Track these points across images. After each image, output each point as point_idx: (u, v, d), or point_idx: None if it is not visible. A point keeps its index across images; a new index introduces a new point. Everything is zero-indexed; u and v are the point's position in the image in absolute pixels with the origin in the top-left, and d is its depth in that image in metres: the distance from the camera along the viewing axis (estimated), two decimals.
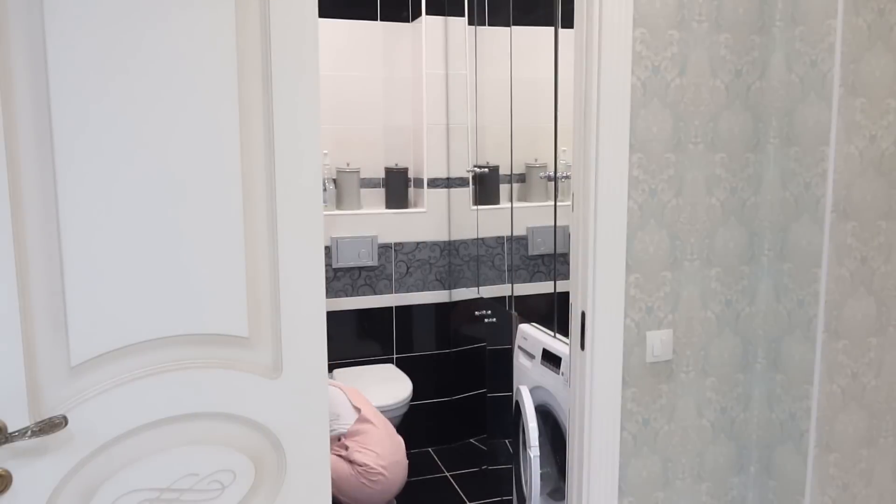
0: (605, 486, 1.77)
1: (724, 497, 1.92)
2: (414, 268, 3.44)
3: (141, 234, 1.23)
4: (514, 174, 2.94)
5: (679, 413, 1.83)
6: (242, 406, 1.33)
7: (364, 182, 3.43)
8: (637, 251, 1.73)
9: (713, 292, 1.81)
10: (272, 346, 1.35)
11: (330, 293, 3.30)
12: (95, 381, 1.23)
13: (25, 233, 1.16)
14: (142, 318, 1.25)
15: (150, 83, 1.21)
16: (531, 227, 2.81)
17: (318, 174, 1.33)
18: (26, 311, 1.17)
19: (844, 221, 1.67)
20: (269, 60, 1.27)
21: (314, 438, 1.40)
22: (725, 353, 1.85)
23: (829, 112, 1.63)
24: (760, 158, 1.81)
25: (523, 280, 2.84)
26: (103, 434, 1.24)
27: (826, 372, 1.71)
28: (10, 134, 1.13)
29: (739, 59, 1.75)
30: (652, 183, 1.72)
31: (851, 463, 1.78)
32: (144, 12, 1.19)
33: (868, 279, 1.71)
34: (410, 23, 3.42)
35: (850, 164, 1.65)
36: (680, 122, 1.72)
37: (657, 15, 1.66)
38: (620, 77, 1.64)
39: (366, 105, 3.42)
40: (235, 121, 1.27)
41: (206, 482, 1.32)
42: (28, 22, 1.13)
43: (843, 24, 1.59)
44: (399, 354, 3.48)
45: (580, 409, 1.76)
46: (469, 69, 3.27)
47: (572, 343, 1.80)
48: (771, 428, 1.86)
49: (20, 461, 1.17)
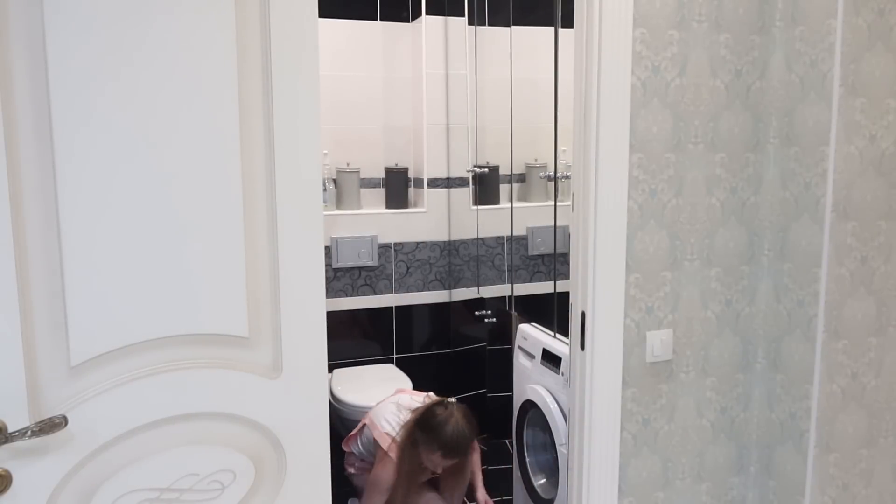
0: (605, 486, 1.77)
1: (724, 497, 1.92)
2: (414, 268, 3.44)
3: (141, 234, 1.23)
4: (514, 174, 2.94)
5: (679, 413, 1.83)
6: (242, 406, 1.33)
7: (364, 182, 3.43)
8: (637, 251, 1.73)
9: (713, 292, 1.81)
10: (272, 346, 1.35)
11: (330, 293, 3.30)
12: (95, 381, 1.23)
13: (25, 233, 1.16)
14: (142, 317, 1.25)
15: (150, 82, 1.21)
16: (531, 227, 2.81)
17: (318, 174, 1.33)
18: (26, 311, 1.17)
19: (844, 221, 1.67)
20: (269, 60, 1.27)
21: (314, 438, 1.40)
22: (725, 353, 1.85)
23: (829, 112, 1.63)
24: (760, 158, 1.81)
25: (523, 280, 2.84)
26: (103, 434, 1.24)
27: (826, 372, 1.71)
28: (10, 134, 1.13)
29: (739, 59, 1.75)
30: (652, 183, 1.72)
31: (851, 463, 1.78)
32: (145, 11, 1.19)
33: (868, 279, 1.71)
34: (410, 23, 3.42)
35: (850, 164, 1.65)
36: (680, 122, 1.72)
37: (657, 15, 1.66)
38: (620, 77, 1.64)
39: (366, 105, 3.41)
40: (235, 120, 1.27)
41: (206, 482, 1.32)
42: (28, 21, 1.13)
43: (843, 24, 1.59)
44: (399, 354, 3.48)
45: (580, 409, 1.76)
46: (469, 69, 3.27)
47: (572, 343, 1.80)
48: (771, 428, 1.86)
49: (20, 461, 1.17)
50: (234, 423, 1.33)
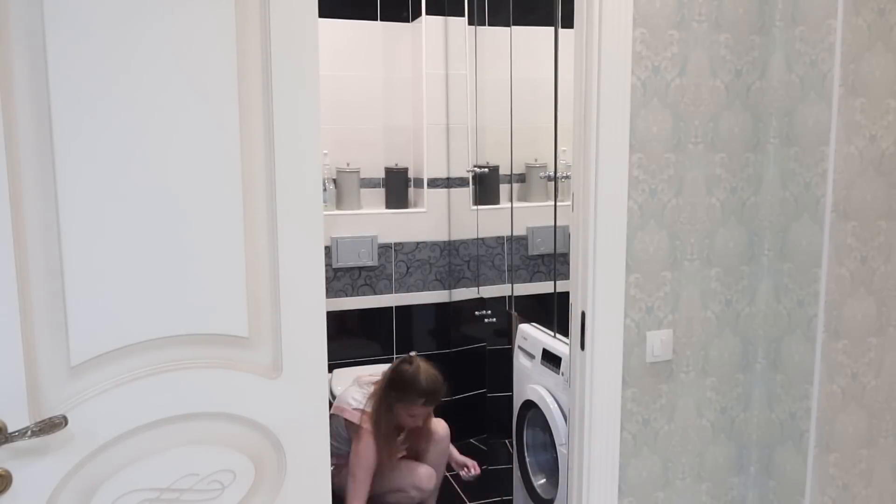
0: (605, 486, 1.77)
1: (724, 497, 1.92)
2: (414, 268, 3.44)
3: (141, 234, 1.23)
4: (514, 174, 2.94)
5: (679, 413, 1.83)
6: (242, 406, 1.33)
7: (364, 182, 3.43)
8: (637, 251, 1.73)
9: (713, 292, 1.81)
10: (272, 345, 1.35)
11: (330, 293, 3.30)
12: (95, 380, 1.23)
13: (25, 233, 1.16)
14: (142, 318, 1.25)
15: (151, 83, 1.21)
16: (531, 227, 2.82)
17: (318, 174, 1.33)
18: (26, 311, 1.17)
19: (844, 221, 1.67)
20: (269, 60, 1.27)
21: (314, 438, 1.40)
22: (725, 353, 1.85)
23: (829, 112, 1.63)
24: (760, 158, 1.81)
25: (523, 280, 2.84)
26: (103, 434, 1.24)
27: (826, 372, 1.71)
28: (10, 134, 1.13)
29: (739, 59, 1.75)
30: (652, 183, 1.72)
31: (851, 463, 1.78)
32: (145, 12, 1.19)
33: (868, 279, 1.71)
34: (410, 23, 3.42)
35: (850, 164, 1.65)
36: (680, 122, 1.72)
37: (657, 15, 1.66)
38: (620, 77, 1.64)
39: (366, 105, 3.41)
40: (235, 120, 1.27)
41: (206, 482, 1.32)
42: (28, 21, 1.13)
43: (843, 24, 1.59)
44: (399, 354, 3.48)
45: (580, 409, 1.76)
46: (469, 69, 3.27)
47: (572, 343, 1.80)
48: (771, 428, 1.86)
49: (20, 461, 1.17)
50: (234, 423, 1.33)
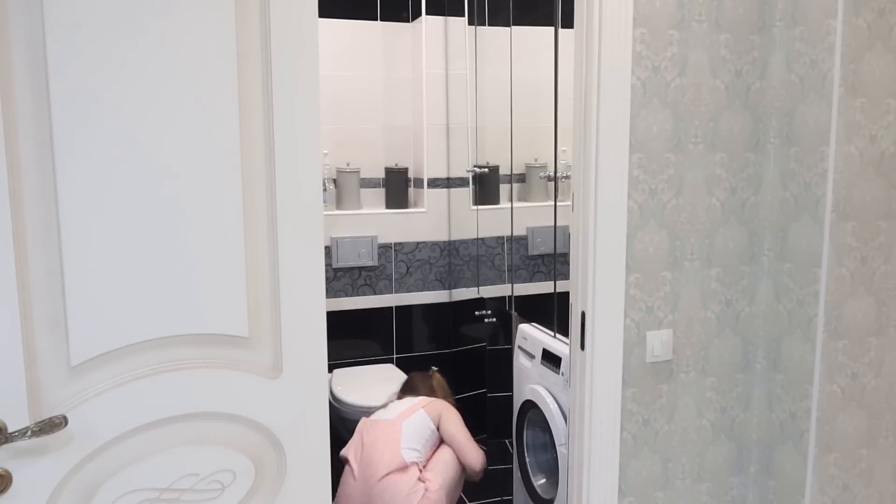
0: (605, 486, 1.77)
1: (724, 497, 1.92)
2: (414, 268, 3.44)
3: (141, 234, 1.23)
4: (514, 174, 2.94)
5: (679, 413, 1.83)
6: (242, 406, 1.33)
7: (364, 182, 3.43)
8: (637, 251, 1.73)
9: (713, 292, 1.81)
10: (272, 346, 1.35)
11: (330, 293, 3.30)
12: (95, 381, 1.23)
13: (25, 233, 1.16)
14: (142, 318, 1.25)
15: (151, 83, 1.21)
16: (531, 227, 2.81)
17: (318, 174, 1.33)
18: (26, 311, 1.17)
19: (844, 221, 1.67)
20: (269, 60, 1.27)
21: (314, 438, 1.40)
22: (725, 353, 1.85)
23: (829, 112, 1.63)
24: (760, 158, 1.81)
25: (523, 280, 2.84)
26: (103, 434, 1.24)
27: (826, 372, 1.71)
28: (10, 134, 1.13)
29: (739, 59, 1.75)
30: (652, 183, 1.72)
31: (851, 463, 1.78)
32: (145, 12, 1.19)
33: (868, 279, 1.71)
34: (410, 23, 3.42)
35: (850, 164, 1.65)
36: (680, 122, 1.72)
37: (657, 15, 1.66)
38: (620, 77, 1.64)
39: (366, 105, 3.41)
40: (235, 120, 1.27)
41: (206, 482, 1.32)
42: (28, 21, 1.13)
43: (843, 24, 1.59)
44: (399, 354, 3.48)
45: (580, 409, 1.76)
46: (469, 69, 3.27)
47: (572, 343, 1.80)
48: (771, 428, 1.86)
49: (20, 461, 1.17)
50: (234, 423, 1.33)
